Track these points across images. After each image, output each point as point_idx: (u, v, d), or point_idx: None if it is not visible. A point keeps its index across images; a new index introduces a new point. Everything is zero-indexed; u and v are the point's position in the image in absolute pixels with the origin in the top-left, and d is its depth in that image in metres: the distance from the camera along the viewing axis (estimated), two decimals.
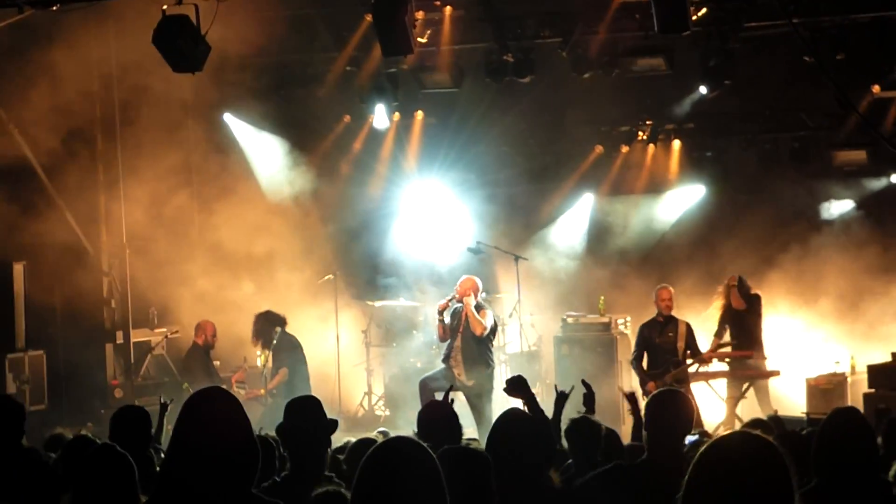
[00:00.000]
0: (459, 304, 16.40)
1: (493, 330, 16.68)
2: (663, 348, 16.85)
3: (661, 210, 22.30)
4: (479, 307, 16.38)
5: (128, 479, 6.06)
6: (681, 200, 22.21)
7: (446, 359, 16.61)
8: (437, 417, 7.74)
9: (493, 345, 16.86)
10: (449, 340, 16.57)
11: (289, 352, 17.78)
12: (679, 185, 22.15)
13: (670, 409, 7.01)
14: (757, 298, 17.99)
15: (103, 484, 6.09)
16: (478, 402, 16.27)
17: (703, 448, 4.04)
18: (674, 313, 17.23)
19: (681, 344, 16.71)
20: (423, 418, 7.82)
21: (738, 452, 3.99)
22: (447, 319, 16.50)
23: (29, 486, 7.32)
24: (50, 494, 7.31)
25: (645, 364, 16.99)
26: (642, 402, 8.55)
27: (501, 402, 13.35)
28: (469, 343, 16.31)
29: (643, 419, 7.17)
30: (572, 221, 22.59)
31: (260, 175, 22.02)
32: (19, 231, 19.03)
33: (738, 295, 17.70)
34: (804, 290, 20.66)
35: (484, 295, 16.91)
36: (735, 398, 17.30)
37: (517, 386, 8.71)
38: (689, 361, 16.78)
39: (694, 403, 10.65)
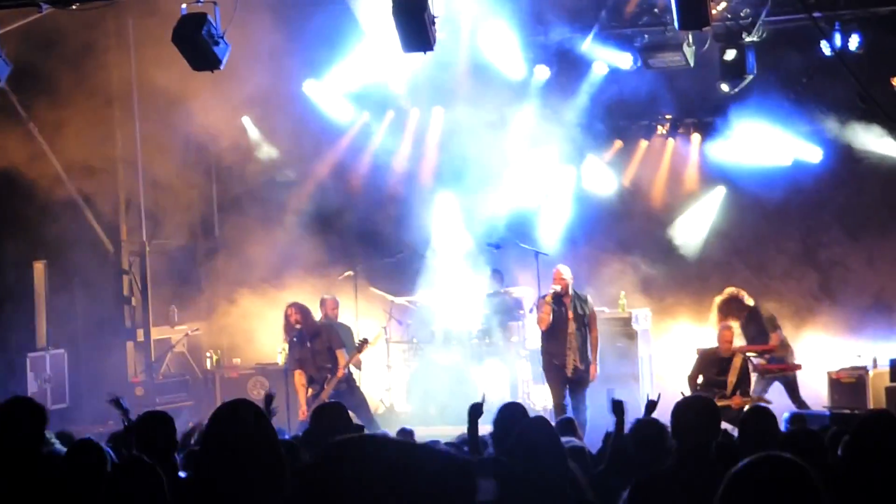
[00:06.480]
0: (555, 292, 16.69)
1: None
2: (714, 381, 16.25)
3: (680, 204, 22.17)
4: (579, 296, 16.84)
5: (158, 493, 6.05)
6: (701, 197, 22.07)
7: (559, 348, 16.62)
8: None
9: None
10: (552, 329, 16.65)
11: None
12: (699, 182, 22.03)
13: (698, 415, 7.03)
14: (754, 309, 17.76)
15: (134, 499, 6.10)
16: (583, 388, 16.55)
17: (733, 472, 4.02)
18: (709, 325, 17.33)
19: (731, 378, 16.30)
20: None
21: (770, 478, 3.98)
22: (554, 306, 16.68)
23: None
24: None
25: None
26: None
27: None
28: (581, 329, 16.62)
29: (671, 425, 7.16)
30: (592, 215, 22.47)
31: (279, 173, 22.02)
32: (39, 230, 19.09)
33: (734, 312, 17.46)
34: (829, 283, 20.71)
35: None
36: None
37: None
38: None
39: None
